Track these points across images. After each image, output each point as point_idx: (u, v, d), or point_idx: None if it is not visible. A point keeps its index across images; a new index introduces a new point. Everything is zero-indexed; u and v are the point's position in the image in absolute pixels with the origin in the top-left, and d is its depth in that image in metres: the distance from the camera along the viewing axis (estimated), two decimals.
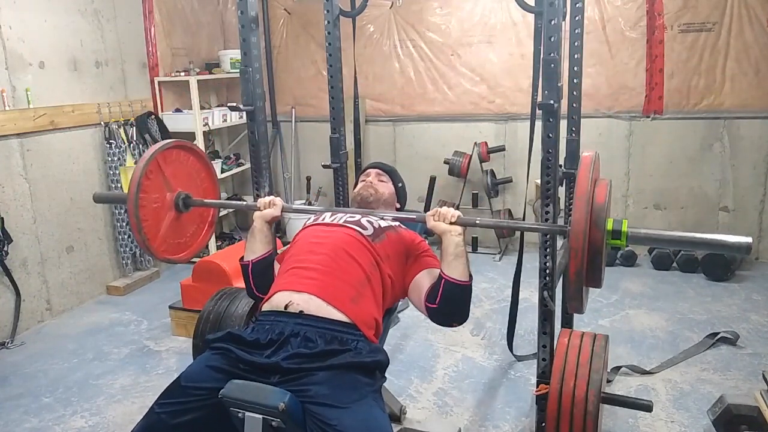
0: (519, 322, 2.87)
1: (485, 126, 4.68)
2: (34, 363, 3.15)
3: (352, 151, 3.43)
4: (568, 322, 2.70)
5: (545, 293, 1.97)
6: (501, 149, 4.61)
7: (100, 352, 3.27)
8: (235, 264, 3.23)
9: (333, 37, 2.49)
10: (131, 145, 4.08)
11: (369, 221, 1.86)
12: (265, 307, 1.68)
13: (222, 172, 4.82)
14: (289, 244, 1.96)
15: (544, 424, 1.96)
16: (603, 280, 1.54)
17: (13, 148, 3.43)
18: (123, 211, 4.09)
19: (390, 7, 4.73)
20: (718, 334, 3.09)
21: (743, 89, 4.08)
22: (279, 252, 2.04)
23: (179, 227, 2.07)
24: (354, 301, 1.63)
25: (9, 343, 3.35)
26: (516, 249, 2.76)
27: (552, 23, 1.79)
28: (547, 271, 1.97)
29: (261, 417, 1.38)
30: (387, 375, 1.64)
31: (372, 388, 1.51)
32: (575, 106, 2.44)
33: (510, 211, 4.64)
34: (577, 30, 2.32)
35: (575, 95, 2.40)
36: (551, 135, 1.86)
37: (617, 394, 2.41)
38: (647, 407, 2.11)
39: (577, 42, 2.34)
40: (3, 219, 3.34)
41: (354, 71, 3.04)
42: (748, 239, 1.40)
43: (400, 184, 2.21)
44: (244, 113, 2.25)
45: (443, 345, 3.20)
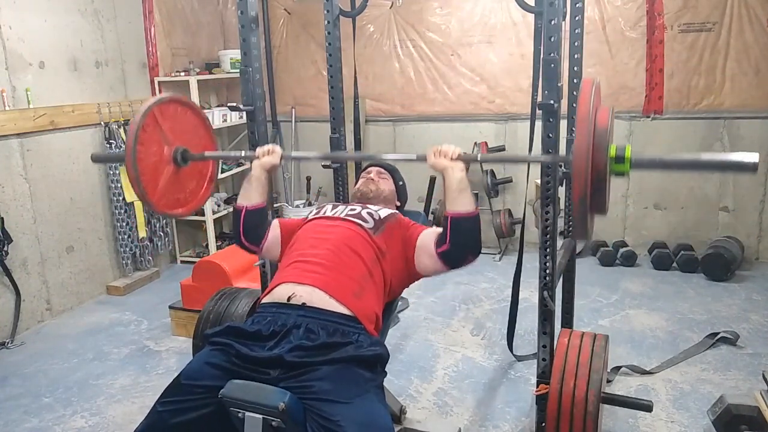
0: (519, 322, 2.86)
1: (485, 126, 4.68)
2: (34, 363, 3.15)
3: (352, 151, 3.44)
4: (568, 322, 2.70)
5: (545, 293, 1.97)
6: (501, 149, 4.61)
7: (100, 352, 3.27)
8: (236, 264, 3.28)
9: (333, 37, 2.49)
10: None
11: (369, 213, 1.86)
12: (267, 299, 1.68)
13: (222, 172, 4.82)
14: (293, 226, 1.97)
15: (544, 424, 1.96)
16: (607, 207, 1.47)
17: (13, 148, 3.43)
18: (123, 211, 4.09)
19: (390, 7, 4.73)
20: (718, 334, 3.09)
21: (743, 89, 4.08)
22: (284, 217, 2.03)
23: (178, 182, 2.04)
24: (356, 296, 1.63)
25: (9, 343, 3.35)
26: (516, 249, 2.76)
27: (552, 23, 1.79)
28: (547, 271, 1.98)
29: (261, 417, 1.38)
30: (387, 375, 1.65)
31: (374, 383, 1.51)
32: (575, 106, 2.44)
33: (510, 211, 4.64)
34: (577, 30, 2.32)
35: (575, 95, 2.40)
36: (551, 135, 1.86)
37: (617, 394, 2.41)
38: (647, 407, 2.11)
39: (577, 42, 2.34)
40: (3, 219, 3.34)
41: (354, 71, 3.05)
42: (754, 156, 1.32)
43: (400, 182, 2.22)
44: (244, 113, 2.25)
45: (443, 345, 3.20)
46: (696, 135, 4.25)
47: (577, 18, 2.31)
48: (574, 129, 2.49)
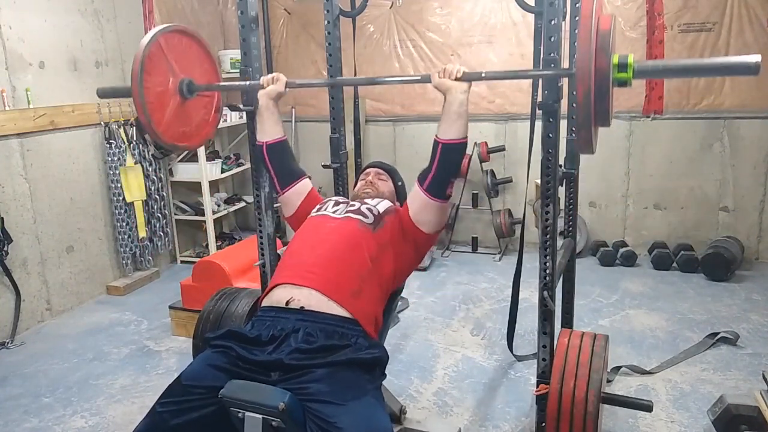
0: (519, 322, 2.86)
1: (485, 126, 4.68)
2: (34, 363, 3.15)
3: (352, 151, 3.44)
4: (568, 322, 2.70)
5: (545, 293, 1.97)
6: (501, 149, 4.61)
7: (100, 352, 3.27)
8: (236, 264, 3.28)
9: (333, 37, 2.49)
10: (131, 145, 4.08)
11: (368, 208, 1.86)
12: (266, 303, 1.68)
13: (222, 172, 4.82)
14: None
15: (544, 424, 1.96)
16: (611, 118, 1.46)
17: (13, 148, 3.43)
18: (123, 211, 4.09)
19: (390, 7, 4.73)
20: (718, 334, 3.09)
21: (743, 89, 4.08)
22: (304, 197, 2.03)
23: (184, 114, 2.04)
24: (355, 296, 1.63)
25: (9, 343, 3.35)
26: (516, 249, 2.76)
27: (552, 23, 1.79)
28: (547, 271, 1.97)
29: (261, 417, 1.38)
30: (387, 375, 1.64)
31: (372, 385, 1.51)
32: (575, 106, 2.43)
33: (510, 211, 4.63)
34: (577, 30, 2.31)
35: (575, 95, 2.39)
36: (551, 135, 1.86)
37: (617, 394, 2.40)
38: (647, 407, 2.11)
39: (577, 42, 2.33)
40: (3, 219, 3.34)
41: (354, 71, 3.04)
42: (756, 57, 1.32)
43: (399, 183, 2.22)
44: (244, 113, 2.25)
45: (443, 345, 3.20)
46: (696, 135, 4.25)
47: (577, 18, 2.31)
48: (574, 129, 2.50)
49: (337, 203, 1.95)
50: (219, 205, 4.88)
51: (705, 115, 4.20)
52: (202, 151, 4.46)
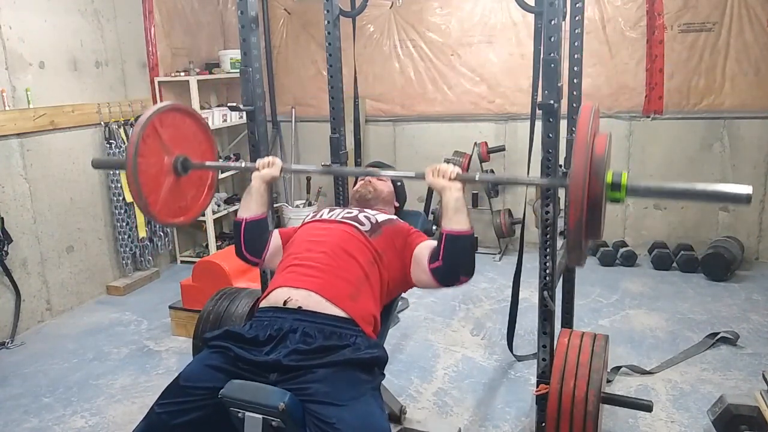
0: (519, 322, 2.87)
1: (485, 126, 4.68)
2: (34, 363, 3.15)
3: (352, 151, 3.43)
4: (568, 322, 2.70)
5: (545, 293, 1.97)
6: (501, 149, 4.61)
7: (100, 352, 3.27)
8: (235, 264, 3.28)
9: (333, 37, 2.49)
10: None
11: (366, 216, 1.86)
12: (264, 304, 1.68)
13: (222, 172, 4.82)
14: (291, 228, 1.97)
15: (544, 424, 1.96)
16: (602, 232, 1.50)
17: (13, 148, 3.43)
18: (123, 211, 4.09)
19: (390, 7, 4.73)
20: (718, 334, 3.09)
21: (743, 89, 4.08)
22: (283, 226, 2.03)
23: (179, 191, 2.03)
24: (353, 299, 1.63)
25: (9, 343, 3.35)
26: (516, 249, 2.76)
27: (552, 23, 1.79)
28: (547, 271, 1.98)
29: (261, 417, 1.38)
30: (387, 375, 1.64)
31: (371, 385, 1.51)
32: (575, 106, 2.44)
33: (510, 211, 4.64)
34: (577, 30, 2.32)
35: (575, 95, 2.40)
36: (551, 135, 1.86)
37: (617, 394, 2.41)
38: (647, 407, 2.11)
39: (577, 42, 2.34)
40: (3, 219, 3.34)
41: (354, 71, 3.04)
42: (747, 188, 1.35)
43: (399, 183, 2.22)
44: (244, 113, 2.25)
45: (443, 345, 3.20)
46: (696, 135, 4.25)
47: (577, 18, 2.31)
48: (574, 129, 2.50)
49: (333, 209, 1.95)
50: (219, 205, 4.88)
51: (705, 115, 4.20)
52: None
